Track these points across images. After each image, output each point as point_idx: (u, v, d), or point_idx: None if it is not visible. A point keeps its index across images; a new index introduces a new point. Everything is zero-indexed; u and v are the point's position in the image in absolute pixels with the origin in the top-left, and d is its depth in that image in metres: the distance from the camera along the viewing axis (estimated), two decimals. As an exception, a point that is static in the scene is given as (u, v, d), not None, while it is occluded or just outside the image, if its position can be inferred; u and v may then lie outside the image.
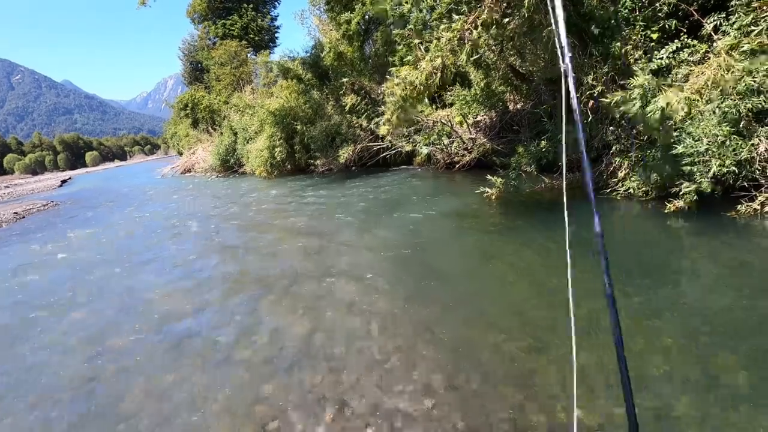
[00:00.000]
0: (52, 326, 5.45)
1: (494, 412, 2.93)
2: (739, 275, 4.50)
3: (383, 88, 9.34)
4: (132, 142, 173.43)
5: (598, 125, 8.22)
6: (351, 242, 7.53)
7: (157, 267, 7.52)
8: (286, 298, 5.43)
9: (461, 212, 8.78)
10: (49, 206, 21.06)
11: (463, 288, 5.12)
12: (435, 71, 7.38)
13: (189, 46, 42.32)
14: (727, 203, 6.09)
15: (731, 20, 6.59)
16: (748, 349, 3.20)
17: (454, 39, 7.18)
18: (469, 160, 13.28)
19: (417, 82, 7.50)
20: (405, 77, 7.67)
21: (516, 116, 12.57)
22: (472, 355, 3.63)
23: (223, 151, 24.38)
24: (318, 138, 17.68)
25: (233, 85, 31.36)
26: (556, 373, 3.23)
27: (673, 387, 2.92)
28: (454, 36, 7.16)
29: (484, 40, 7.39)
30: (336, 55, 16.25)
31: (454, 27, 7.21)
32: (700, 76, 6.41)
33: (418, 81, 7.49)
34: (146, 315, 5.39)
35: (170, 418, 3.32)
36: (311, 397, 3.34)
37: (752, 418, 2.59)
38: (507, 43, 8.18)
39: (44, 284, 7.39)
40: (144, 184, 28.03)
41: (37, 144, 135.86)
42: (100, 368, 4.22)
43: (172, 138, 42.70)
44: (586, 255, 3.03)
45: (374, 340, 4.07)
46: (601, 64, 7.82)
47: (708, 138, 5.87)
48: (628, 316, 3.84)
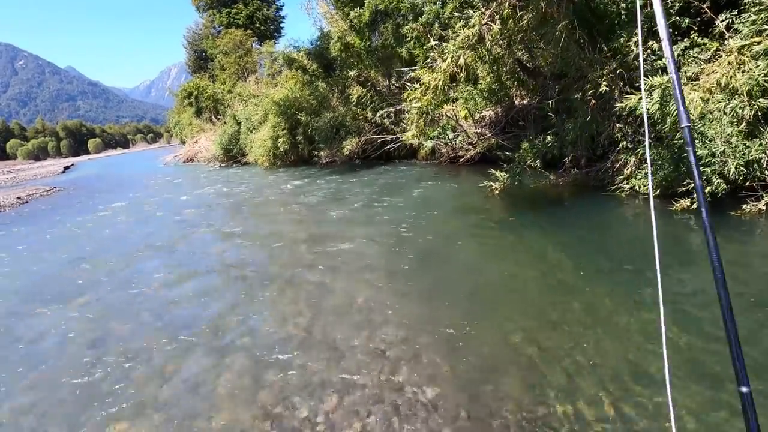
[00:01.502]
0: (53, 313, 5.47)
1: (496, 403, 2.94)
2: (744, 270, 4.50)
3: (404, 98, 9.33)
4: (135, 130, 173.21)
5: (605, 122, 8.17)
6: (353, 234, 7.52)
7: (159, 254, 7.53)
8: (288, 287, 5.44)
9: (464, 206, 8.76)
10: (52, 192, 21.09)
11: (464, 279, 5.11)
12: (458, 70, 7.37)
13: (193, 35, 42.13)
14: (734, 202, 6.08)
15: (743, 18, 6.51)
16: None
17: (473, 36, 7.12)
18: (474, 154, 13.24)
19: (440, 84, 7.46)
20: (428, 83, 7.63)
21: (522, 111, 12.50)
22: (474, 345, 3.64)
23: (227, 140, 24.32)
24: (322, 129, 17.61)
25: (237, 74, 31.22)
26: (558, 365, 3.24)
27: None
28: (474, 34, 7.11)
29: (494, 35, 7.34)
30: (343, 45, 16.13)
31: (473, 23, 7.15)
32: (711, 75, 6.36)
33: (441, 83, 7.44)
34: (148, 302, 5.41)
35: (172, 403, 3.34)
36: (314, 384, 3.35)
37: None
38: (516, 37, 8.10)
39: (45, 270, 7.42)
40: (146, 172, 28.04)
41: (40, 130, 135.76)
42: (102, 354, 4.24)
43: (175, 126, 42.65)
44: (584, 255, 3.02)
45: (376, 330, 4.08)
46: (610, 60, 7.76)
47: (722, 138, 5.82)
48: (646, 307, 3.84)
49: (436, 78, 7.54)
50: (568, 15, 7.49)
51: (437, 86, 7.54)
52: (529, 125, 11.72)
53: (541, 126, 10.61)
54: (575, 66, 8.20)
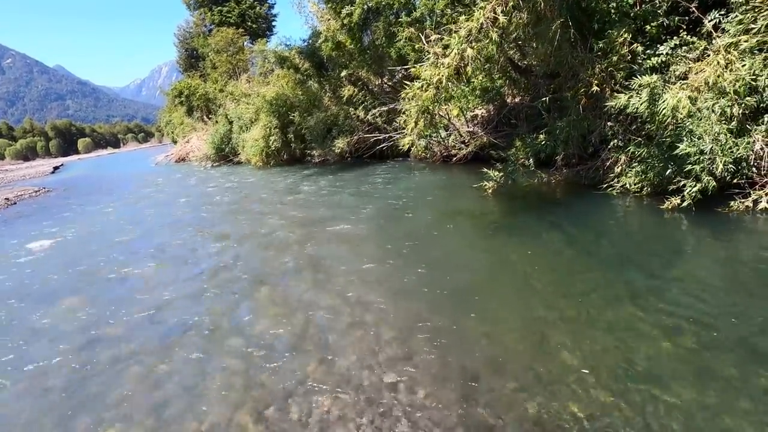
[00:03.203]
0: (43, 314, 5.40)
1: (489, 402, 2.95)
2: (734, 266, 4.56)
3: (401, 97, 8.82)
4: (125, 129, 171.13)
5: (597, 120, 8.22)
6: (345, 233, 7.51)
7: (151, 255, 7.46)
8: (280, 287, 5.42)
9: (456, 205, 8.78)
10: (41, 193, 20.80)
11: (456, 277, 5.12)
12: (463, 63, 7.15)
13: (184, 33, 41.65)
14: (721, 199, 6.16)
15: (730, 18, 6.59)
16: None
17: (475, 30, 7.00)
18: (466, 153, 13.26)
19: (444, 79, 7.21)
20: (430, 77, 7.36)
21: (514, 110, 12.54)
22: (466, 345, 3.65)
23: (218, 139, 24.13)
24: (314, 128, 17.55)
25: (229, 73, 30.97)
26: (552, 362, 3.26)
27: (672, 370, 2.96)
28: (476, 27, 6.98)
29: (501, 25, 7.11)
30: (334, 44, 16.06)
31: (476, 16, 7.01)
32: (699, 74, 6.43)
33: (445, 77, 7.20)
34: (140, 303, 5.36)
35: (164, 405, 3.32)
36: (307, 385, 3.34)
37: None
38: (509, 35, 8.08)
39: (34, 270, 7.32)
40: (137, 172, 27.75)
41: (28, 130, 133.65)
42: (93, 356, 4.19)
43: (166, 126, 42.20)
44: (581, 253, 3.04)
45: (369, 330, 4.08)
46: (601, 58, 7.81)
47: (710, 136, 5.89)
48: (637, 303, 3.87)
49: (439, 72, 7.29)
50: (562, 13, 7.49)
51: (441, 81, 7.26)
52: (521, 123, 11.77)
53: (534, 125, 10.65)
54: (568, 65, 8.23)
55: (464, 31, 7.14)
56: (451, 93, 7.97)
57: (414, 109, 7.75)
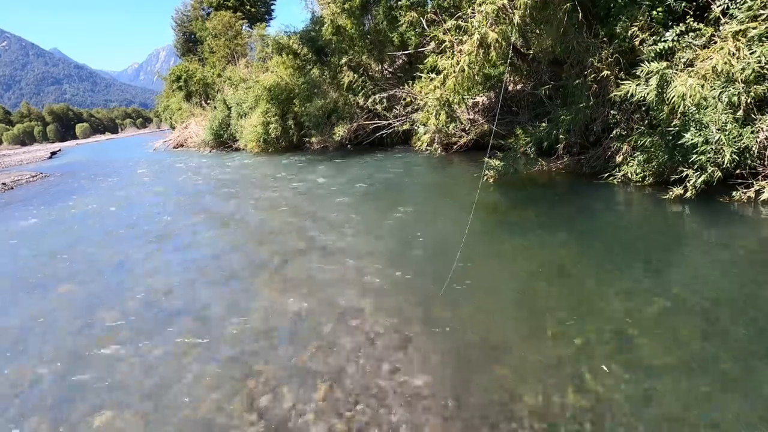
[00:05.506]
0: (39, 299, 5.36)
1: (486, 390, 2.93)
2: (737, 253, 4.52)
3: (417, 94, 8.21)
4: (123, 114, 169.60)
5: (600, 108, 8.10)
6: (343, 220, 7.44)
7: (147, 241, 7.40)
8: (276, 276, 5.38)
9: (456, 193, 8.72)
10: (38, 178, 20.66)
11: (456, 267, 5.07)
12: (487, 47, 6.74)
13: (182, 16, 40.98)
14: (724, 189, 6.09)
15: (738, 3, 6.42)
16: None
17: (493, 12, 6.70)
18: (467, 141, 13.13)
19: (466, 67, 6.82)
20: (451, 66, 6.96)
21: (515, 97, 12.37)
22: (464, 334, 3.62)
23: (217, 125, 23.90)
24: (314, 115, 17.35)
25: (227, 57, 30.53)
26: (551, 352, 3.23)
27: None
28: (494, 9, 6.69)
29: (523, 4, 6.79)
30: (335, 28, 15.75)
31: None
32: (705, 61, 6.29)
33: (467, 64, 6.81)
34: (135, 290, 5.32)
35: (158, 393, 3.29)
36: (302, 374, 3.31)
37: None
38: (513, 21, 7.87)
39: (30, 256, 7.27)
40: (135, 158, 27.53)
41: (25, 114, 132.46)
42: (88, 342, 4.17)
43: (164, 111, 41.79)
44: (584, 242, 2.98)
45: (366, 319, 4.05)
46: (607, 44, 7.65)
47: (716, 125, 5.78)
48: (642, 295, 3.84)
49: (461, 60, 6.89)
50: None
51: (463, 68, 6.82)
52: (522, 111, 11.63)
53: (535, 112, 10.52)
54: (573, 51, 8.05)
55: (481, 16, 6.83)
56: (477, 80, 7.42)
57: (434, 103, 7.35)
